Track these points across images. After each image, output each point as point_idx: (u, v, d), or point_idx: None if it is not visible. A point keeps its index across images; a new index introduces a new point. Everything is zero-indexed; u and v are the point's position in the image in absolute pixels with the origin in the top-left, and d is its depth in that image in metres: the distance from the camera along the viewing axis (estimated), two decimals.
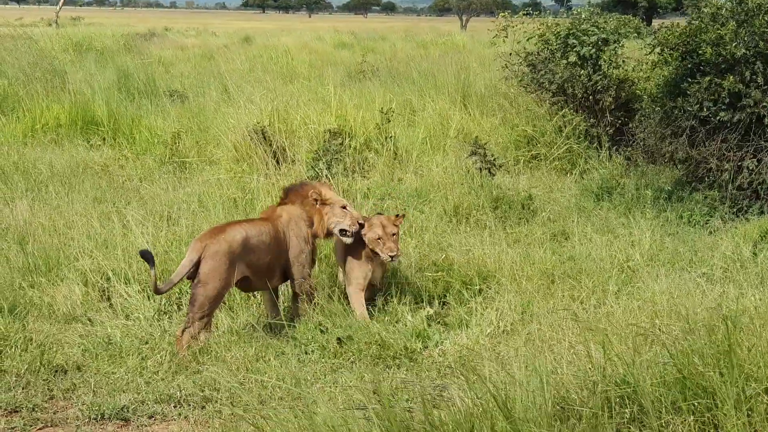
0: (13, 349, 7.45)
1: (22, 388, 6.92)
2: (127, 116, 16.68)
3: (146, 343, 7.87)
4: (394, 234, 8.40)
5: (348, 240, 8.43)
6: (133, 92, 18.92)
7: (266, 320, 8.22)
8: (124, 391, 6.94)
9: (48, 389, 6.98)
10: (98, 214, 11.00)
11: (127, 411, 6.66)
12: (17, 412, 6.66)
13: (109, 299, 8.80)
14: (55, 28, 28.54)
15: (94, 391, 6.91)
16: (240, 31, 49.60)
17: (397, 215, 8.61)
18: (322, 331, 7.91)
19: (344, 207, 8.45)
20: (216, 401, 6.71)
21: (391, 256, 8.33)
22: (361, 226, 8.45)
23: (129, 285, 8.91)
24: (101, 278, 9.04)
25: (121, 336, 8.05)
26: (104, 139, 16.15)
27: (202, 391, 6.89)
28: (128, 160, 14.63)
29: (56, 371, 7.31)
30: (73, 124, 16.65)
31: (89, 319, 8.41)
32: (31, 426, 6.50)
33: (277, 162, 12.77)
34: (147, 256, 7.48)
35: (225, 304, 8.49)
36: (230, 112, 14.95)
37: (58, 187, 12.43)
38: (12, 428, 6.46)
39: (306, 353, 7.65)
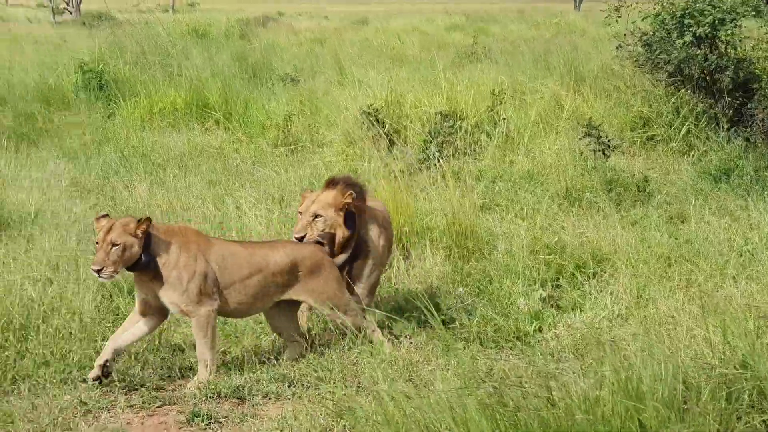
0: None
1: (141, 367, 7.08)
2: (240, 100, 16.90)
3: (261, 323, 7.99)
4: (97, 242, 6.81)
5: None
6: (246, 76, 19.16)
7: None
8: (240, 371, 7.06)
9: (166, 368, 7.13)
10: (213, 196, 11.20)
11: (243, 390, 6.76)
12: (136, 390, 6.82)
13: None
14: (172, 14, 29.10)
15: (210, 371, 7.03)
16: (352, 14, 49.81)
17: (140, 220, 6.78)
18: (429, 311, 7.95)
19: None
20: (329, 381, 6.78)
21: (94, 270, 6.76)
22: None
23: None
24: None
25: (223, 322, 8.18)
26: (218, 122, 16.40)
27: (316, 371, 6.96)
28: (242, 144, 14.83)
29: (174, 350, 7.46)
30: (188, 108, 16.93)
31: None
32: (150, 404, 6.64)
33: (389, 145, 12.79)
34: None
35: None
36: (342, 95, 15.04)
37: (175, 170, 12.68)
38: (131, 406, 6.61)
39: (413, 335, 7.67)
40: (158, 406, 6.64)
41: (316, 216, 7.45)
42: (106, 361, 6.86)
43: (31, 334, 7.21)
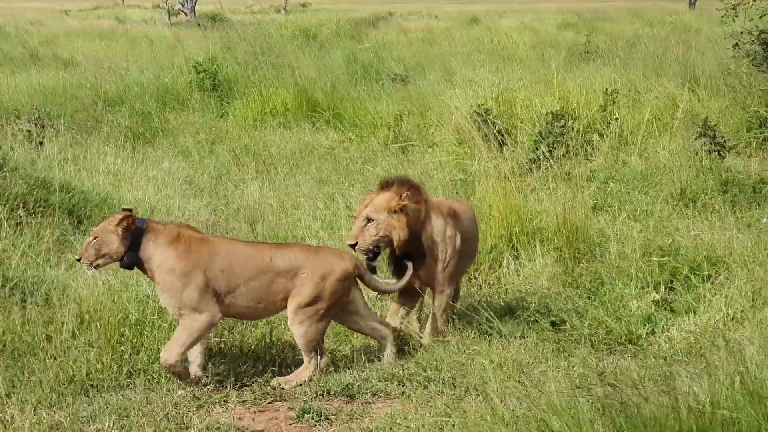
0: (243, 326, 7.72)
1: (252, 364, 7.16)
2: (350, 100, 16.98)
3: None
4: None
5: None
6: (356, 76, 19.25)
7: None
8: (349, 369, 7.09)
9: (277, 364, 7.20)
10: (323, 195, 11.28)
11: (352, 388, 6.80)
12: (247, 386, 6.91)
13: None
14: (284, 15, 29.43)
15: (321, 368, 7.08)
16: (462, 13, 49.68)
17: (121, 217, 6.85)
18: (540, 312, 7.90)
19: None
20: (438, 381, 6.77)
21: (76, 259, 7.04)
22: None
23: None
24: None
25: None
26: (328, 122, 16.51)
27: (425, 371, 6.96)
28: (352, 143, 14.91)
29: (284, 347, 7.54)
30: (299, 108, 17.09)
31: None
32: (261, 400, 6.73)
33: (499, 145, 12.71)
34: None
35: None
36: (452, 95, 14.99)
37: (286, 169, 12.81)
38: (242, 401, 6.70)
39: (523, 336, 7.61)
40: (269, 402, 6.72)
41: (369, 220, 7.31)
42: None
43: (147, 329, 7.35)
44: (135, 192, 11.67)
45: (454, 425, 5.97)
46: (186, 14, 43.29)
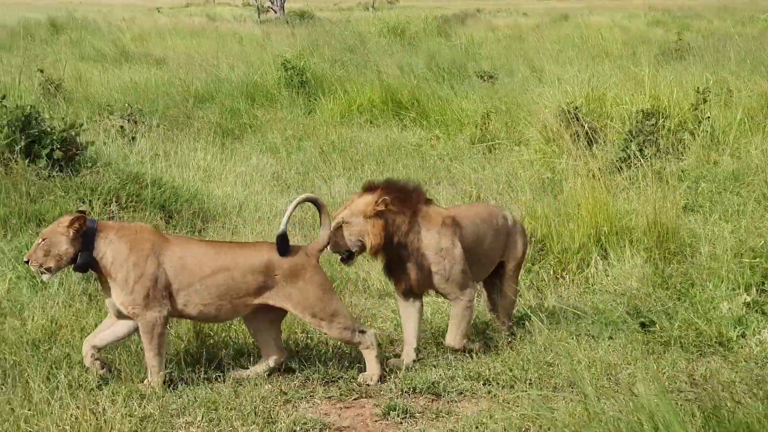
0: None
1: (338, 360, 7.19)
2: (437, 97, 16.97)
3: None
4: None
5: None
6: (442, 74, 19.22)
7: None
8: (435, 367, 7.09)
9: (363, 361, 7.21)
10: None
11: (438, 386, 6.79)
12: (334, 382, 6.94)
13: None
14: (372, 12, 29.50)
15: (406, 365, 7.08)
16: (551, 10, 49.39)
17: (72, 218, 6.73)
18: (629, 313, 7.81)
19: None
20: (524, 381, 6.73)
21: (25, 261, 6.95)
22: None
23: None
24: None
25: (432, 313, 8.23)
26: (414, 119, 16.52)
27: (511, 370, 6.93)
28: (439, 141, 14.89)
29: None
30: (385, 105, 17.13)
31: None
32: (347, 396, 6.75)
33: (588, 143, 12.58)
34: None
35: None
36: (540, 92, 14.89)
37: (373, 166, 12.85)
38: (329, 397, 6.73)
39: (611, 337, 7.53)
40: (354, 399, 6.74)
41: (344, 222, 7.17)
42: (92, 361, 6.81)
43: (234, 323, 7.43)
44: (224, 187, 11.83)
45: (541, 426, 5.94)
46: (275, 12, 43.68)
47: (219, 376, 6.85)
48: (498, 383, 6.81)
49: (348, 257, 7.21)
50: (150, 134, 13.88)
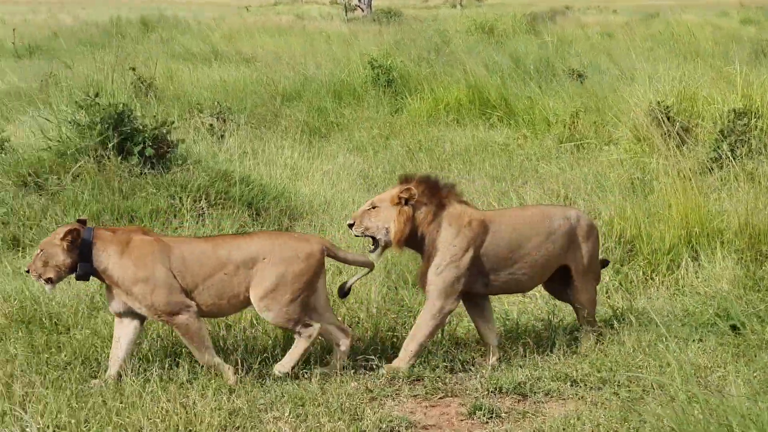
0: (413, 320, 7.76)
1: (424, 359, 7.18)
2: (524, 96, 16.86)
3: (541, 320, 7.95)
4: None
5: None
6: (529, 72, 19.08)
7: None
8: (521, 367, 7.05)
9: (449, 360, 7.21)
10: (496, 192, 11.23)
11: (524, 387, 6.75)
12: (420, 380, 6.94)
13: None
14: (460, 10, 29.43)
15: (492, 365, 7.05)
16: (641, 8, 48.77)
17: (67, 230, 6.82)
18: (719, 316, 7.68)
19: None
20: (613, 383, 6.66)
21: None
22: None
23: None
24: None
25: (518, 313, 8.19)
26: (501, 118, 16.44)
27: (599, 371, 6.86)
28: (527, 140, 14.80)
29: (457, 343, 7.55)
30: (472, 104, 17.07)
31: None
32: (432, 394, 6.75)
33: (679, 143, 12.39)
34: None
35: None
36: (631, 91, 14.70)
37: (460, 165, 12.81)
38: (414, 395, 6.74)
39: (701, 340, 7.41)
40: (440, 398, 6.74)
41: (373, 206, 7.24)
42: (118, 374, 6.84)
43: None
44: (311, 186, 11.91)
45: (629, 428, 5.88)
46: (362, 10, 43.81)
47: (305, 373, 6.90)
48: (586, 384, 6.75)
49: (374, 246, 7.24)
50: (238, 132, 14.05)
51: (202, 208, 10.23)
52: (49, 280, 6.77)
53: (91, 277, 6.85)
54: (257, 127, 15.18)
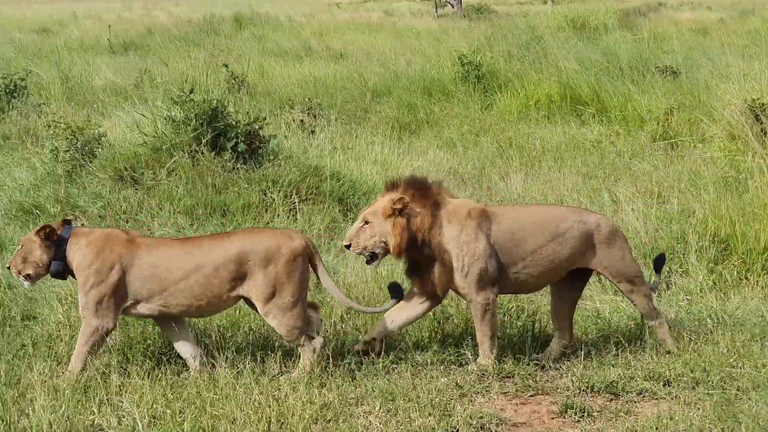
0: (507, 318, 7.75)
1: (514, 355, 7.16)
2: (616, 93, 16.67)
3: (633, 319, 7.87)
4: None
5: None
6: (622, 68, 18.85)
7: None
8: (613, 366, 6.98)
9: (536, 358, 7.17)
10: (588, 189, 11.15)
11: (616, 386, 6.69)
12: (510, 377, 6.92)
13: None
14: (551, 6, 29.19)
15: (583, 363, 7.00)
16: (736, 5, 47.83)
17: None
18: None
19: None
20: (707, 383, 6.57)
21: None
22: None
23: None
24: None
25: (610, 311, 8.11)
26: (593, 115, 16.28)
27: (692, 372, 6.76)
28: (619, 137, 14.64)
29: (547, 341, 7.51)
30: (563, 100, 16.94)
31: None
32: (523, 392, 6.73)
33: None
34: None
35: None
36: (726, 89, 14.45)
37: (551, 162, 12.73)
38: (505, 393, 6.73)
39: None
40: (531, 395, 6.71)
41: (366, 222, 7.05)
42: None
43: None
44: None
45: (723, 429, 5.80)
46: (452, 6, 43.71)
47: (395, 368, 6.93)
48: (679, 384, 6.67)
49: (371, 258, 7.09)
50: (329, 128, 14.13)
51: (294, 203, 10.33)
52: (27, 277, 6.90)
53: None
54: (347, 122, 15.27)
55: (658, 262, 7.70)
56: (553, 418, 6.38)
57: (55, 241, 6.79)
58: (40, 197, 10.80)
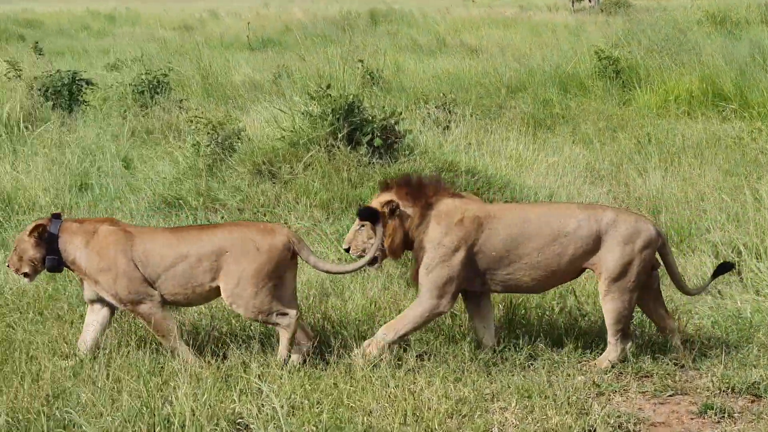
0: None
1: (652, 354, 7.05)
2: (761, 88, 16.21)
3: None
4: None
5: None
6: (767, 63, 18.32)
7: None
8: (755, 367, 6.81)
9: (675, 359, 7.04)
10: (729, 187, 10.87)
11: (758, 387, 6.53)
12: (648, 377, 6.82)
13: (739, 273, 8.68)
14: (690, 0, 28.58)
15: (724, 364, 6.84)
16: None
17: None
18: None
19: None
20: None
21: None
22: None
23: (760, 260, 8.73)
24: (732, 251, 8.96)
25: (751, 311, 7.92)
26: (735, 111, 15.87)
27: None
28: (761, 133, 14.23)
29: (687, 340, 7.36)
30: (704, 96, 16.56)
31: (719, 292, 8.37)
32: (662, 392, 6.62)
33: None
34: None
35: None
36: None
37: (691, 159, 12.45)
38: (643, 392, 6.63)
39: None
40: (669, 395, 6.60)
41: (362, 225, 7.01)
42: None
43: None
44: (535, 177, 11.83)
45: None
46: (590, 0, 43.19)
47: (531, 364, 6.90)
48: None
49: (372, 260, 7.01)
50: (463, 123, 14.11)
51: None
52: (26, 274, 7.07)
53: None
54: (482, 118, 15.22)
55: (722, 269, 7.41)
56: (692, 419, 6.27)
57: (45, 238, 6.94)
58: (182, 190, 11.07)
